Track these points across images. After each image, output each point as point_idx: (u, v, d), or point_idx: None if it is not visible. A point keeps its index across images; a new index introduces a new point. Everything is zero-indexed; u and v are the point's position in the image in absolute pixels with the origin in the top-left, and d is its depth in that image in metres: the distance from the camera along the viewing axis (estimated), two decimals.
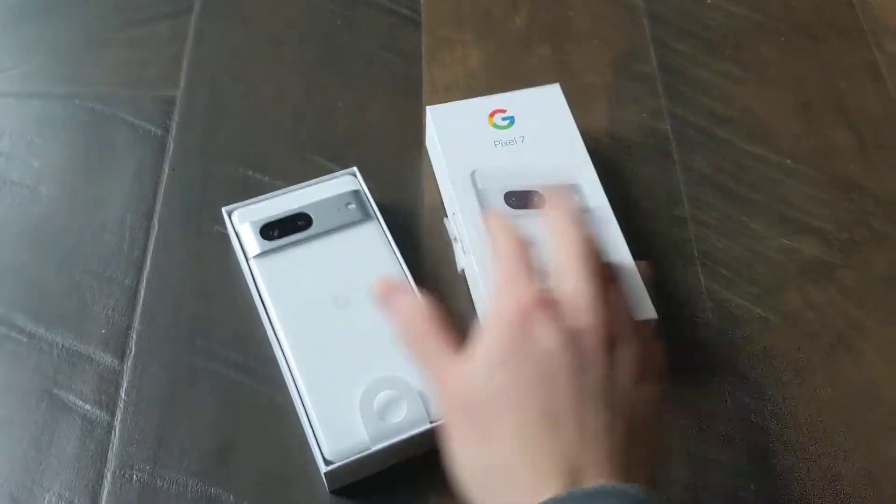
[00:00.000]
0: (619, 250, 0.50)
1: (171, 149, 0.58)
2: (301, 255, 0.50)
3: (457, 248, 0.53)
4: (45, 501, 0.45)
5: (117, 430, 0.48)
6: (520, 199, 0.52)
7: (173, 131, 0.59)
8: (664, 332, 0.50)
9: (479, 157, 0.54)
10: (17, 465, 0.46)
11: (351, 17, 0.66)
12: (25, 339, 0.51)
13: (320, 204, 0.52)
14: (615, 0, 0.68)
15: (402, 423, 0.45)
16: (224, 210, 0.52)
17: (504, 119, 0.56)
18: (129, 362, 0.50)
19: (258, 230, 0.51)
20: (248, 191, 0.56)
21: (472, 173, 0.53)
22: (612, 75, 0.64)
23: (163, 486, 0.46)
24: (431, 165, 0.58)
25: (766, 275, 0.55)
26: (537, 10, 0.67)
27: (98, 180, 0.57)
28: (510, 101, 0.57)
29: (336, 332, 0.48)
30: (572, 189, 0.53)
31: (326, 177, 0.54)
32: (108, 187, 0.56)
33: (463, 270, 0.53)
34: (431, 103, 0.60)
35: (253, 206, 0.52)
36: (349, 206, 0.52)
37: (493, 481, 0.36)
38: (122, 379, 0.49)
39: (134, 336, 0.51)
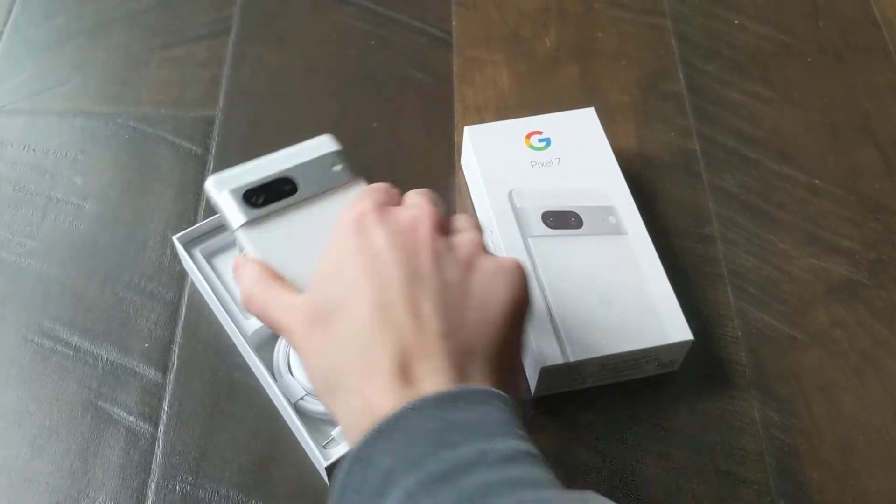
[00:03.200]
0: (657, 274, 0.51)
1: (212, 167, 0.60)
2: (286, 222, 0.45)
3: None
4: None
5: (160, 441, 0.49)
6: (557, 220, 0.53)
7: (213, 150, 0.61)
8: (695, 350, 0.51)
9: (516, 177, 0.55)
10: (64, 476, 0.48)
11: (384, 37, 0.68)
12: (71, 353, 0.52)
13: (304, 167, 0.48)
14: (643, 20, 0.69)
15: None
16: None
17: (540, 140, 0.57)
18: (171, 375, 0.51)
19: (240, 198, 0.45)
20: None
21: (510, 193, 0.54)
22: (641, 95, 0.65)
23: (205, 496, 0.47)
24: (465, 184, 0.59)
25: (794, 294, 0.56)
26: (566, 31, 0.68)
27: (140, 197, 0.59)
28: (546, 122, 0.58)
29: None
30: (608, 210, 0.54)
31: (303, 143, 0.50)
32: (150, 204, 0.58)
33: None
34: (463, 123, 0.61)
35: (229, 174, 0.46)
36: (334, 168, 0.49)
37: (338, 384, 0.36)
38: (165, 392, 0.51)
39: (176, 350, 0.52)
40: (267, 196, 0.46)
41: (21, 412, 0.50)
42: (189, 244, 0.54)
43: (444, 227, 0.40)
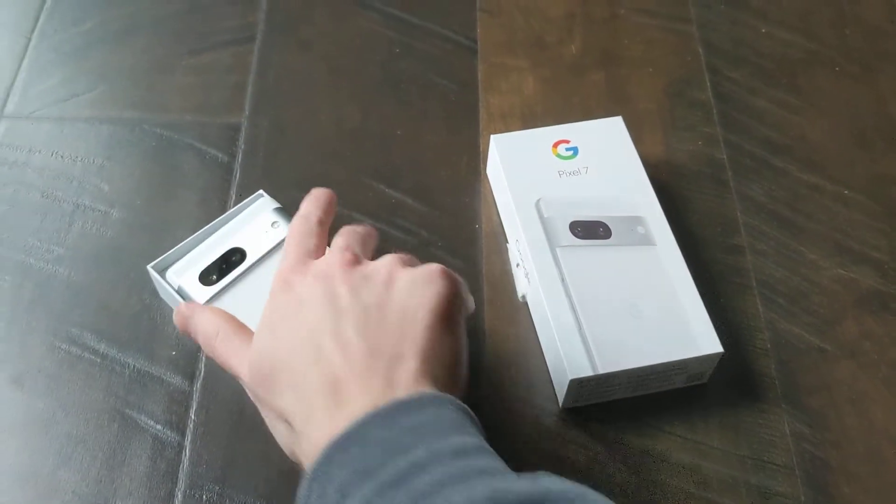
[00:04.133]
0: (686, 286, 0.51)
1: (238, 175, 0.60)
2: (247, 288, 0.51)
3: (519, 273, 0.54)
4: None
5: (187, 450, 0.49)
6: (586, 230, 0.53)
7: (239, 157, 0.61)
8: (724, 361, 0.51)
9: (543, 186, 0.55)
10: (90, 484, 0.48)
11: (408, 44, 0.68)
12: (98, 360, 0.52)
13: (246, 233, 0.53)
14: (669, 27, 0.69)
15: None
16: (150, 267, 0.52)
17: (568, 149, 0.57)
18: (198, 384, 0.51)
19: (197, 278, 0.51)
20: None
21: (538, 202, 0.54)
22: (667, 102, 0.64)
23: None
24: (490, 192, 0.59)
25: (823, 305, 0.55)
26: (591, 37, 0.68)
27: (166, 204, 0.59)
28: (573, 131, 0.58)
29: None
30: (637, 221, 0.53)
31: (239, 205, 0.55)
32: (176, 211, 0.58)
33: (524, 297, 0.54)
34: (488, 130, 0.61)
35: (186, 259, 0.52)
36: (274, 226, 0.53)
37: (292, 433, 0.39)
38: (192, 400, 0.51)
39: (203, 358, 0.52)
40: (219, 270, 0.51)
41: (48, 420, 0.50)
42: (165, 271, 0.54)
43: (358, 260, 0.42)
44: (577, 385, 0.48)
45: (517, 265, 0.55)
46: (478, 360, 0.53)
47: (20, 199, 0.59)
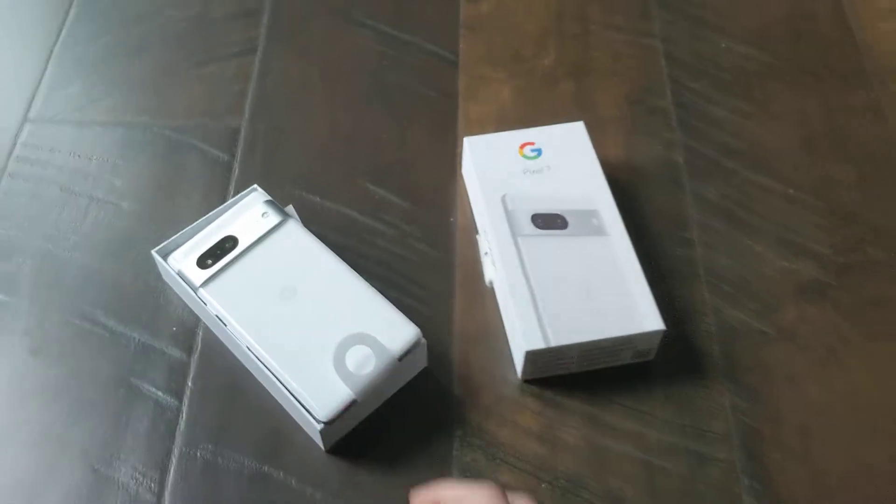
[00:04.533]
0: (634, 271, 0.56)
1: (237, 172, 0.66)
2: (239, 270, 0.57)
3: (487, 261, 0.60)
4: (122, 474, 0.53)
5: (184, 414, 0.55)
6: (545, 221, 0.59)
7: (238, 157, 0.67)
8: (670, 342, 0.56)
9: (509, 183, 0.61)
10: (97, 442, 0.54)
11: (397, 57, 0.74)
12: (107, 335, 0.58)
13: (239, 223, 0.59)
14: (634, 41, 0.75)
15: (374, 370, 0.52)
16: (154, 252, 0.58)
17: (533, 151, 0.63)
18: (195, 356, 0.57)
19: (195, 263, 0.57)
20: (304, 210, 0.63)
21: (504, 197, 0.60)
22: (630, 109, 0.70)
23: (223, 463, 0.53)
24: (464, 189, 0.65)
25: (766, 293, 0.61)
26: (563, 50, 0.74)
27: (172, 198, 0.65)
28: (539, 134, 0.64)
29: (292, 318, 0.54)
30: (592, 214, 0.59)
31: (235, 198, 0.61)
32: (180, 204, 0.64)
33: (491, 283, 0.60)
34: (467, 134, 0.67)
35: (186, 245, 0.58)
36: (264, 216, 0.59)
37: None
38: (190, 370, 0.57)
39: (200, 334, 0.58)
40: (214, 256, 0.57)
41: (61, 386, 0.56)
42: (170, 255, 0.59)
43: None
44: (532, 356, 0.53)
45: (485, 254, 0.60)
46: (449, 339, 0.58)
47: (41, 193, 0.65)
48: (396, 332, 0.54)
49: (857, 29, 0.76)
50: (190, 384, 0.56)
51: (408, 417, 0.55)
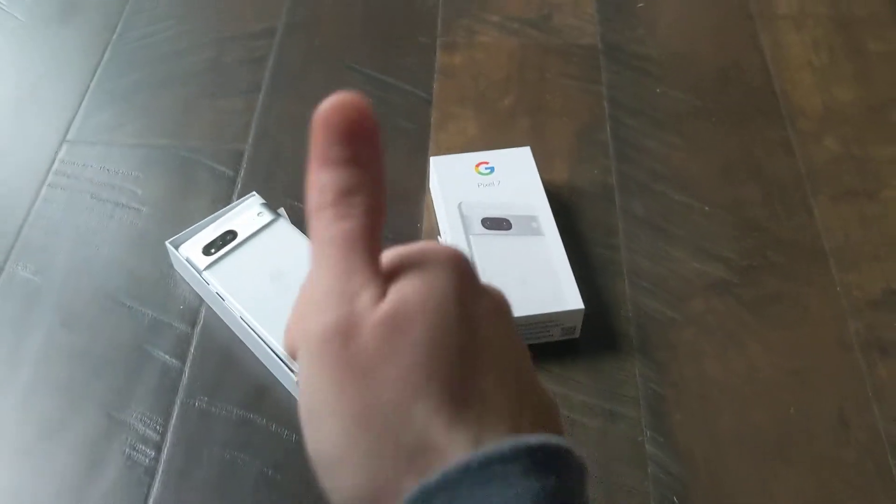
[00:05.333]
0: (563, 264, 0.68)
1: (240, 185, 0.79)
2: (237, 257, 0.69)
3: None
4: (132, 418, 0.64)
5: (186, 373, 0.66)
6: (493, 223, 0.71)
7: (242, 173, 0.80)
8: (594, 325, 0.68)
9: (465, 194, 0.73)
10: (113, 394, 0.65)
11: (381, 96, 0.87)
12: (126, 311, 0.70)
13: (239, 220, 0.71)
14: (584, 88, 0.88)
15: None
16: (168, 243, 0.71)
17: (486, 168, 0.75)
18: (198, 329, 0.69)
19: (200, 251, 0.69)
20: (294, 215, 0.75)
21: (460, 204, 0.72)
22: (575, 142, 0.83)
23: (216, 411, 0.64)
24: (430, 200, 0.77)
25: (679, 288, 0.72)
26: (522, 94, 0.87)
27: (184, 204, 0.77)
28: (492, 156, 0.76)
29: (278, 294, 0.66)
30: (532, 218, 0.71)
31: (237, 202, 0.73)
32: (191, 209, 0.77)
33: None
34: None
35: (194, 238, 0.70)
36: (260, 215, 0.71)
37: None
38: (192, 339, 0.68)
39: (203, 311, 0.70)
40: (217, 246, 0.69)
41: (85, 350, 0.68)
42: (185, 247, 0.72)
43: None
44: None
45: None
46: None
47: (74, 200, 0.78)
48: None
49: (776, 78, 0.89)
50: (192, 350, 0.68)
51: None
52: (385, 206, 0.32)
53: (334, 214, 0.31)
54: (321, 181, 0.32)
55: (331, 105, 0.32)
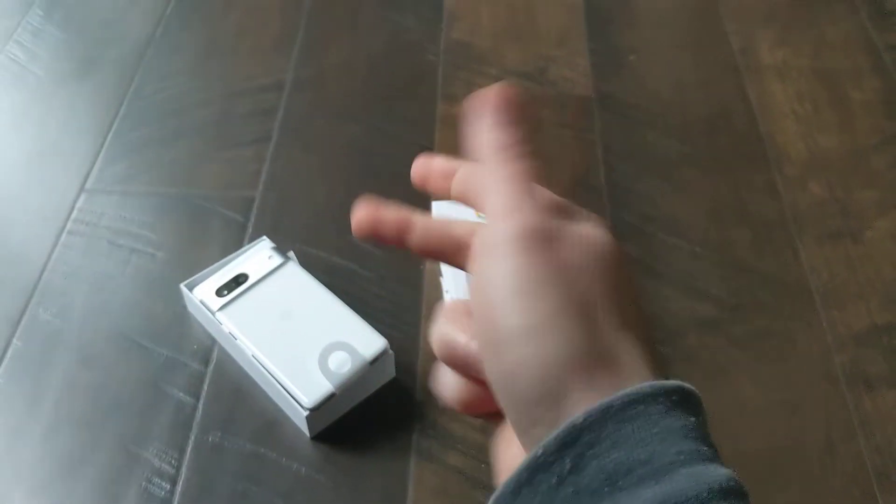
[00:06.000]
0: None
1: (250, 230, 0.82)
2: (248, 299, 0.72)
3: (447, 297, 0.75)
4: (149, 452, 0.67)
5: (200, 409, 0.69)
6: None
7: (252, 219, 0.83)
8: None
9: None
10: (131, 430, 0.68)
11: (385, 145, 0.91)
12: (142, 351, 0.73)
13: (250, 263, 0.74)
14: (579, 136, 0.92)
15: (351, 370, 0.66)
16: (182, 285, 0.74)
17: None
18: (211, 367, 0.72)
19: (214, 293, 0.72)
20: (301, 258, 0.78)
21: None
22: (571, 187, 0.86)
23: (228, 445, 0.67)
24: None
25: (670, 325, 0.75)
26: None
27: (197, 249, 0.81)
28: None
29: (287, 333, 0.69)
30: None
31: (248, 246, 0.77)
32: (204, 253, 0.80)
33: None
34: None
35: (207, 280, 0.73)
36: (270, 258, 0.75)
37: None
38: (206, 377, 0.71)
39: (216, 351, 0.73)
40: (229, 288, 0.73)
41: (104, 387, 0.71)
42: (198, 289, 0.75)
43: None
44: None
45: (446, 291, 0.75)
46: (415, 356, 0.73)
47: (92, 246, 0.82)
48: (369, 341, 0.68)
49: (762, 125, 0.93)
50: (206, 387, 0.71)
51: (377, 414, 0.69)
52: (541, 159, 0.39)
53: (516, 153, 0.38)
54: (499, 136, 0.39)
55: (496, 91, 0.39)
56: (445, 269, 0.76)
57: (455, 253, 0.39)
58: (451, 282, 0.73)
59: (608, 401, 0.30)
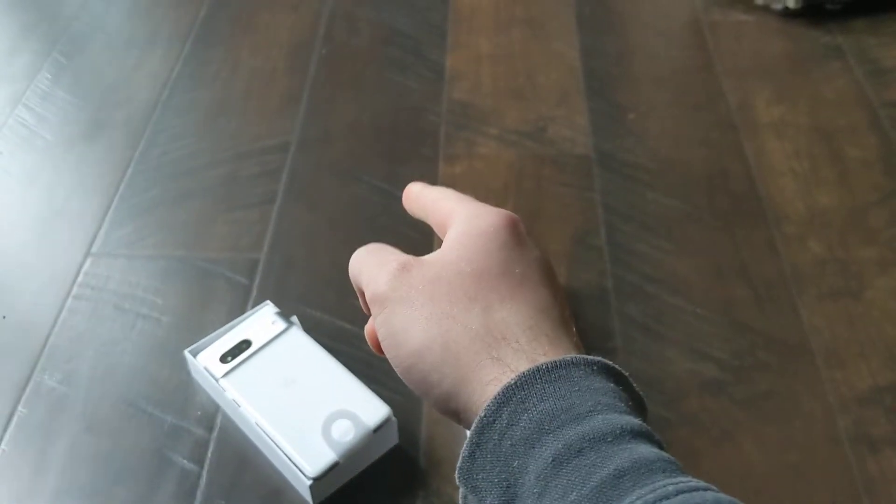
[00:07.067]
0: None
1: (255, 293, 0.83)
2: (252, 365, 0.72)
3: None
4: None
5: (204, 477, 0.69)
6: None
7: (256, 281, 0.84)
8: None
9: None
10: (135, 498, 0.68)
11: (388, 205, 0.92)
12: (147, 417, 0.73)
13: (253, 329, 0.75)
14: (579, 195, 0.93)
15: (354, 438, 0.66)
16: (186, 352, 0.74)
17: None
18: (214, 434, 0.72)
19: (217, 359, 0.73)
20: (305, 321, 0.79)
21: None
22: (572, 246, 0.87)
23: None
24: None
25: (672, 388, 0.75)
26: (521, 201, 0.92)
27: (202, 313, 0.81)
28: None
29: (291, 400, 0.70)
30: None
31: (252, 311, 0.77)
32: (209, 317, 0.81)
33: None
34: None
35: (211, 346, 0.74)
36: (273, 324, 0.75)
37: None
38: (210, 444, 0.71)
39: (219, 417, 0.73)
40: (233, 354, 0.73)
41: (108, 455, 0.71)
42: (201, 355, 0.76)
43: None
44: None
45: None
46: (418, 423, 0.73)
47: (98, 310, 0.82)
48: (373, 409, 0.68)
49: (760, 184, 0.94)
50: (209, 455, 0.71)
51: (381, 482, 0.69)
52: None
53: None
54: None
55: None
56: None
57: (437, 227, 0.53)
58: None
59: (536, 366, 0.37)
